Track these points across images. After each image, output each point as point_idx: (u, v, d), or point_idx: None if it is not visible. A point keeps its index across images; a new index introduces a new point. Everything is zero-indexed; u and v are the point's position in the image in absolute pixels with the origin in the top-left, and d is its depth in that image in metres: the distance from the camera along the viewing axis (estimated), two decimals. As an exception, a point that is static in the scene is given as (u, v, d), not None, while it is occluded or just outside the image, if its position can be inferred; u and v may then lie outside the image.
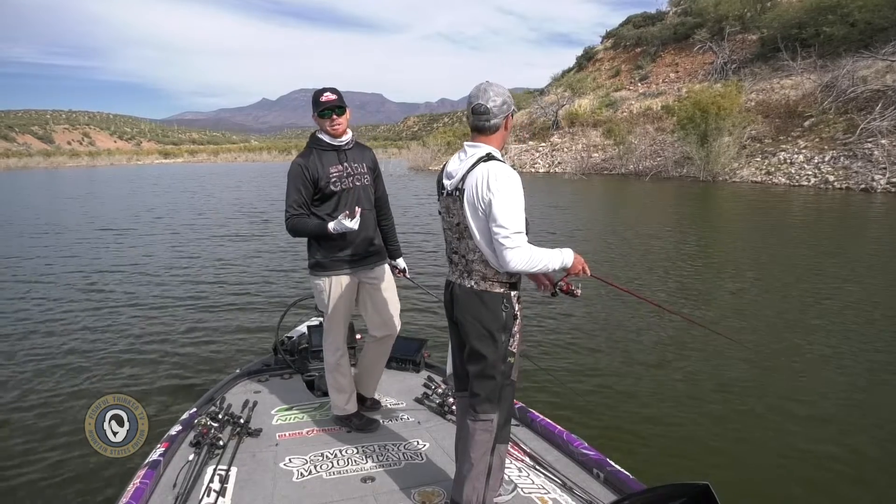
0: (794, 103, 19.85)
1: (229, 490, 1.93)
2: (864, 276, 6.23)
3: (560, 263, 1.63)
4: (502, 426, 1.74)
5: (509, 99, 1.67)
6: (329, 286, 2.34)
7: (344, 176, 2.31)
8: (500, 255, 1.58)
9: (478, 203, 1.60)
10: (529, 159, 27.23)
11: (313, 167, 2.26)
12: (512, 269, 1.58)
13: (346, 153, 2.34)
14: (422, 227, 10.68)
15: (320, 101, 2.25)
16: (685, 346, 4.34)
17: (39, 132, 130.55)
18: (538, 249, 1.59)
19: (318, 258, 2.33)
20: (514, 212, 1.56)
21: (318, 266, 2.34)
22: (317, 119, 2.29)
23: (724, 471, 2.69)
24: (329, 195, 2.28)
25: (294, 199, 2.24)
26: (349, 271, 2.36)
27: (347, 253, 2.33)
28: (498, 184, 1.56)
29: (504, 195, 1.56)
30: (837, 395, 3.46)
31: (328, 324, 2.41)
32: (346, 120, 2.31)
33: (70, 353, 4.42)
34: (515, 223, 1.56)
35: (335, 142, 2.31)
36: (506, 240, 1.55)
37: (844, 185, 15.18)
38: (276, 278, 6.86)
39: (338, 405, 2.43)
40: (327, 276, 2.33)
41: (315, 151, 2.30)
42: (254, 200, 17.49)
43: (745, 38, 25.94)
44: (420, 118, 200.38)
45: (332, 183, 2.28)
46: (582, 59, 36.24)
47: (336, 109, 2.25)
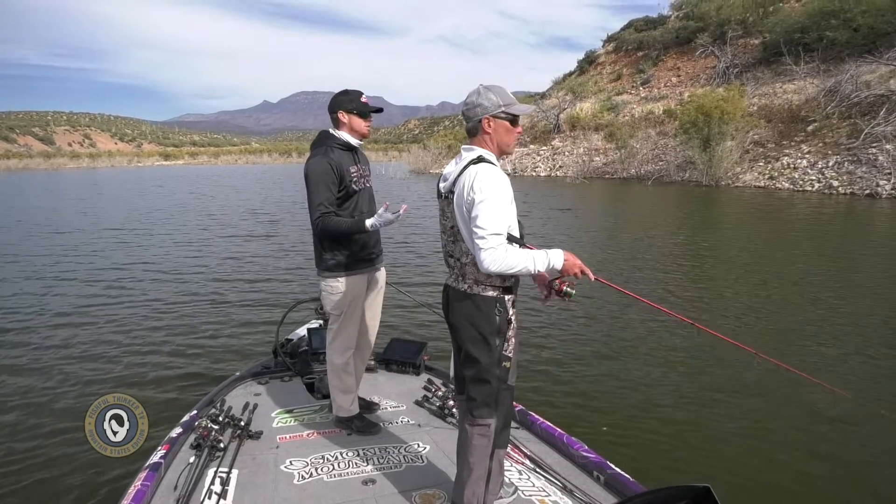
0: (796, 108, 19.86)
1: (230, 492, 1.93)
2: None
3: (545, 265, 1.58)
4: (500, 431, 1.73)
5: (486, 101, 1.63)
6: (348, 286, 2.32)
7: (359, 176, 2.33)
8: (476, 256, 1.57)
9: (464, 205, 1.60)
10: (531, 163, 27.27)
11: (339, 165, 2.23)
12: (487, 271, 1.56)
13: (358, 154, 2.38)
14: (422, 230, 10.69)
15: (361, 100, 2.28)
16: (685, 350, 4.34)
17: (40, 133, 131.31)
18: (515, 251, 1.56)
19: (339, 258, 2.29)
20: (494, 214, 1.54)
21: (340, 266, 2.30)
22: (352, 117, 2.28)
23: (725, 473, 2.69)
24: (351, 194, 2.27)
25: (325, 197, 2.19)
26: (367, 271, 2.38)
27: (366, 252, 2.35)
28: (481, 185, 1.56)
29: (485, 197, 1.55)
30: (841, 397, 3.45)
31: (342, 324, 2.37)
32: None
33: (69, 352, 4.42)
34: (493, 225, 1.54)
35: (356, 142, 2.33)
36: (481, 241, 1.53)
37: (849, 191, 15.13)
38: (276, 280, 6.87)
39: (343, 406, 2.42)
40: (347, 275, 2.31)
41: (336, 150, 2.27)
42: (255, 202, 17.54)
43: (748, 43, 25.97)
44: (421, 121, 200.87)
45: (353, 182, 2.27)
46: (583, 62, 36.31)
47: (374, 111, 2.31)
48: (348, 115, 2.29)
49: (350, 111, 2.28)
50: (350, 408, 2.43)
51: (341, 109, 2.29)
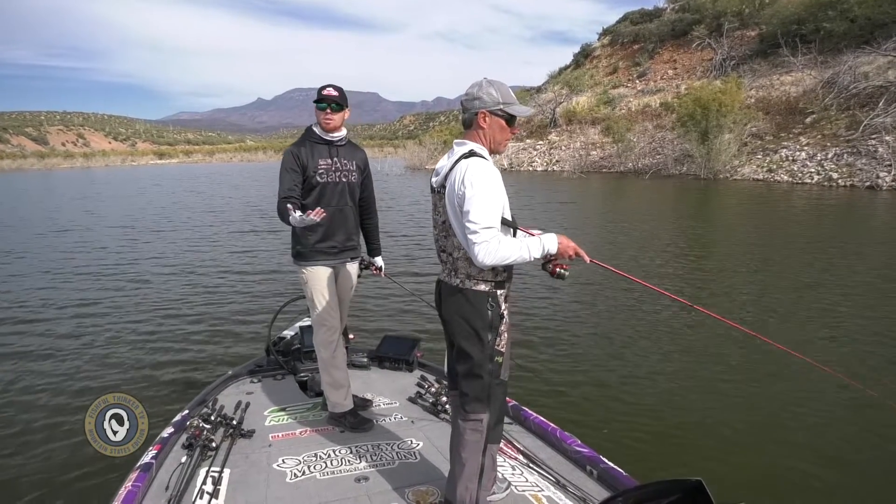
0: (794, 100, 19.80)
1: (222, 492, 1.92)
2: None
3: (541, 251, 1.59)
4: (493, 426, 1.72)
5: (486, 95, 1.63)
6: (311, 277, 2.40)
7: (332, 170, 2.40)
8: (469, 250, 1.57)
9: (455, 199, 1.59)
10: (527, 157, 27.20)
11: (305, 155, 2.35)
12: (482, 264, 1.56)
13: (337, 149, 2.43)
14: (415, 225, 10.67)
15: (322, 93, 2.36)
16: (678, 342, 4.34)
17: (34, 133, 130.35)
18: (508, 242, 1.55)
19: (298, 248, 2.42)
20: (486, 207, 1.54)
21: (299, 255, 2.43)
22: (315, 110, 2.40)
23: (718, 466, 2.69)
24: (313, 186, 2.37)
25: (285, 183, 2.32)
26: (328, 263, 2.42)
27: (327, 245, 2.41)
28: (472, 179, 1.55)
29: (476, 190, 1.54)
30: (835, 390, 3.45)
31: (317, 317, 2.41)
32: (342, 118, 2.41)
33: (66, 350, 4.40)
34: (485, 218, 1.53)
35: (326, 136, 2.40)
36: (474, 234, 1.53)
37: (849, 183, 15.04)
38: (268, 279, 6.84)
39: (336, 402, 2.42)
40: (307, 265, 2.41)
41: (308, 143, 2.40)
42: (252, 200, 17.47)
43: (744, 35, 25.89)
44: (416, 117, 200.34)
45: (318, 174, 2.37)
46: (579, 56, 36.17)
47: (332, 104, 2.35)
48: (315, 108, 2.39)
49: (315, 104, 2.38)
50: (343, 402, 2.43)
51: (314, 103, 2.39)
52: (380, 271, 2.76)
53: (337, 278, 2.48)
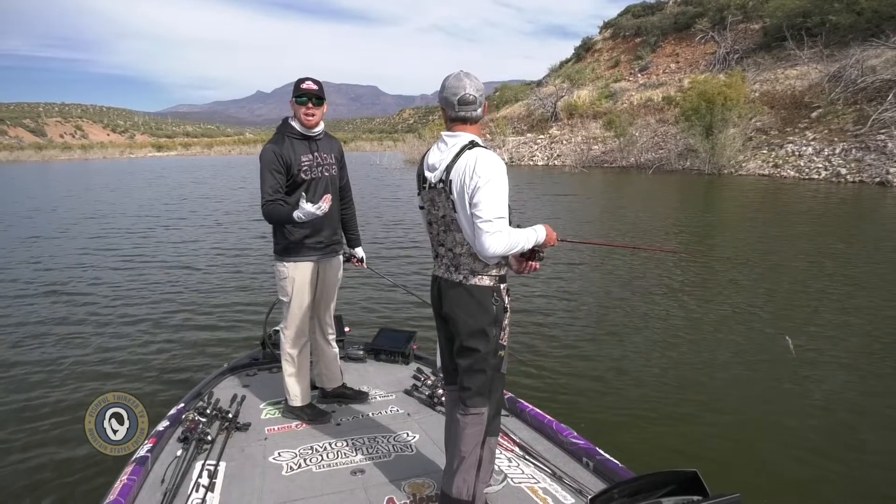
0: (800, 94, 19.57)
1: (218, 485, 1.91)
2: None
3: (535, 241, 1.65)
4: (492, 418, 1.72)
5: (480, 87, 1.68)
6: (294, 272, 2.35)
7: (314, 165, 2.33)
8: (478, 241, 1.56)
9: (465, 191, 1.58)
10: (528, 152, 27.08)
11: (287, 153, 2.26)
12: (490, 254, 1.57)
13: (316, 143, 2.36)
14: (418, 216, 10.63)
15: (301, 87, 2.26)
16: (672, 333, 4.34)
17: (31, 125, 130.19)
18: (516, 232, 1.60)
19: (285, 243, 2.35)
20: (498, 198, 1.55)
21: (286, 251, 2.35)
22: (293, 104, 2.31)
23: (713, 458, 2.69)
24: (299, 183, 2.29)
25: (270, 185, 2.23)
26: (314, 258, 2.38)
27: (314, 240, 2.36)
28: (485, 169, 1.55)
29: (489, 181, 1.55)
30: (833, 382, 3.44)
31: (292, 311, 2.38)
32: (322, 113, 2.34)
33: (65, 350, 4.39)
34: (497, 209, 1.55)
35: (307, 131, 2.31)
36: (487, 224, 1.54)
37: (857, 179, 14.64)
38: (265, 272, 6.83)
39: (293, 394, 2.41)
40: (293, 261, 2.35)
41: (287, 138, 2.30)
42: (250, 193, 17.45)
43: (748, 28, 25.67)
44: (416, 110, 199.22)
45: (303, 171, 2.29)
46: (580, 49, 35.95)
47: (313, 98, 2.26)
48: (293, 102, 2.30)
49: (292, 97, 2.29)
50: (301, 396, 2.42)
51: (292, 97, 2.31)
52: (361, 262, 2.69)
53: (323, 273, 2.44)
